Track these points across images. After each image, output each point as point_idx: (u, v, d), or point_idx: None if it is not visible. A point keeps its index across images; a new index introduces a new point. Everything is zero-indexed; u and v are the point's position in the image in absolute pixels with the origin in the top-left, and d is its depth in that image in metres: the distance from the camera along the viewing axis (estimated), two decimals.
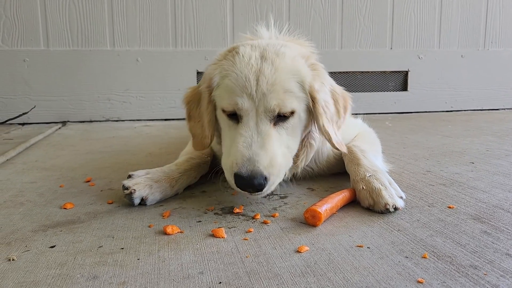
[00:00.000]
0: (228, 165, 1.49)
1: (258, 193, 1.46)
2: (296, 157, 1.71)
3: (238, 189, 1.47)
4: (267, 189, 1.47)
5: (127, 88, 3.96)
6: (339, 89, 1.77)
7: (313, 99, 1.60)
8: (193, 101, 1.77)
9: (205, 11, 4.00)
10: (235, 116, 1.56)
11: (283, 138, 1.55)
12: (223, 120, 1.63)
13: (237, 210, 1.53)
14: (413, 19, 4.41)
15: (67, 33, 3.82)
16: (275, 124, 1.54)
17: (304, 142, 1.73)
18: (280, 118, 1.55)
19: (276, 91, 1.52)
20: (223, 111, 1.59)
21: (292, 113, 1.56)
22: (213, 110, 1.68)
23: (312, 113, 1.64)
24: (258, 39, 1.81)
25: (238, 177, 1.43)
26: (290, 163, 1.63)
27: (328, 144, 1.83)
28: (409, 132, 3.22)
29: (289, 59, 1.60)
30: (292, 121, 1.57)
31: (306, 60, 1.66)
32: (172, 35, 3.98)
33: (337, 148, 1.66)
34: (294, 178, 1.89)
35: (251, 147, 1.46)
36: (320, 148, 1.82)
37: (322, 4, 4.20)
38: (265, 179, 1.43)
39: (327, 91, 1.68)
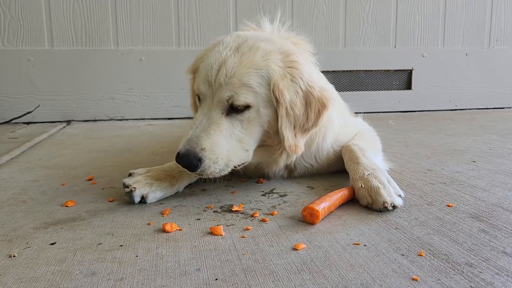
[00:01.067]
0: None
1: (194, 172, 1.56)
2: (273, 153, 1.75)
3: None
4: (202, 171, 1.54)
5: (131, 87, 3.98)
6: (318, 92, 1.67)
7: (276, 100, 1.61)
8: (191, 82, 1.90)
9: (208, 10, 4.02)
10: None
11: (235, 131, 1.60)
12: (197, 100, 1.75)
13: (236, 208, 1.54)
14: (417, 17, 4.40)
15: (71, 33, 3.85)
16: (227, 115, 1.59)
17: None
18: (234, 109, 1.59)
19: (232, 83, 1.57)
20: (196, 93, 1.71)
21: (248, 107, 1.60)
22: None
23: None
24: (260, 30, 1.84)
25: (177, 154, 1.54)
26: (242, 157, 1.64)
27: (328, 140, 1.84)
28: (412, 131, 3.22)
29: (260, 55, 1.63)
30: (247, 115, 1.60)
31: (284, 57, 1.66)
32: (176, 34, 4.00)
33: (287, 150, 1.66)
34: (291, 175, 1.90)
35: (196, 129, 1.56)
36: (319, 144, 1.83)
37: (326, 3, 4.20)
38: (199, 160, 1.51)
39: (298, 91, 1.64)
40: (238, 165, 1.66)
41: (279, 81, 1.60)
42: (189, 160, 1.51)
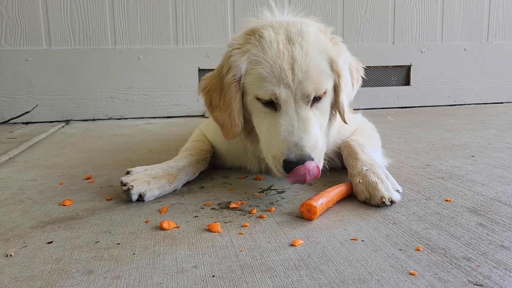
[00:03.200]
0: (273, 155, 1.55)
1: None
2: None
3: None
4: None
5: (130, 86, 3.98)
6: (354, 61, 1.83)
7: (338, 76, 1.65)
8: (214, 89, 1.74)
9: (205, 8, 4.01)
10: (271, 104, 1.59)
11: (318, 119, 1.62)
12: (256, 108, 1.64)
13: (233, 205, 1.53)
14: (415, 13, 4.39)
15: (69, 32, 3.84)
16: (311, 106, 1.60)
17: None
18: (315, 99, 1.60)
19: (311, 76, 1.57)
20: (257, 99, 1.61)
21: (325, 92, 1.62)
22: (241, 97, 1.68)
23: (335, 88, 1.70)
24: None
25: (288, 163, 1.49)
26: (325, 140, 1.67)
27: (332, 133, 1.83)
28: (411, 127, 3.21)
29: (313, 38, 1.64)
30: (324, 101, 1.64)
31: (325, 34, 1.71)
32: (173, 32, 3.99)
33: (346, 122, 1.73)
34: None
35: (293, 133, 1.52)
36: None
37: (323, 0, 4.19)
38: (312, 159, 1.49)
39: (347, 67, 1.73)
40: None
41: (338, 59, 1.65)
42: (302, 162, 1.47)
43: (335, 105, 1.72)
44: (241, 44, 1.66)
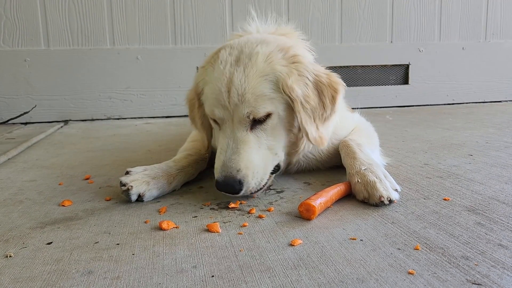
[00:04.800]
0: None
1: (236, 195, 1.55)
2: (296, 146, 1.75)
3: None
4: (245, 191, 1.54)
5: (128, 86, 3.98)
6: (326, 78, 1.67)
7: (289, 97, 1.58)
8: (191, 102, 1.84)
9: (204, 8, 4.01)
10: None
11: (262, 141, 1.59)
12: (212, 122, 1.72)
13: (232, 205, 1.54)
14: (413, 12, 4.39)
15: (67, 33, 3.84)
16: (252, 129, 1.58)
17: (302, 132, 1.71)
18: (257, 122, 1.58)
19: (247, 100, 1.54)
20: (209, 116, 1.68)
21: (269, 115, 1.58)
22: (203, 113, 1.75)
23: None
24: (248, 34, 1.82)
25: (216, 182, 1.55)
26: (274, 162, 1.67)
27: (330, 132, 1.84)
28: (409, 126, 3.22)
29: (261, 60, 1.60)
30: (270, 123, 1.59)
31: (285, 53, 1.64)
32: (172, 32, 3.99)
33: (313, 143, 1.65)
34: (287, 169, 1.91)
35: (225, 153, 1.55)
36: None
37: None
38: (240, 182, 1.51)
39: (308, 83, 1.63)
40: (275, 170, 1.70)
41: (287, 79, 1.58)
42: (230, 185, 1.51)
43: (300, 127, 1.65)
44: (206, 62, 1.73)
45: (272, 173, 1.68)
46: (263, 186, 1.62)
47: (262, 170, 1.58)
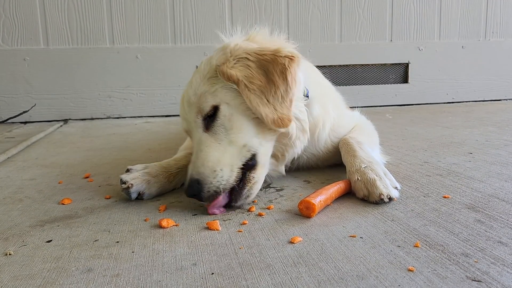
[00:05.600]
0: None
1: (202, 198, 1.46)
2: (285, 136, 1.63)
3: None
4: (208, 189, 1.45)
5: (128, 85, 3.98)
6: (271, 55, 1.55)
7: (231, 82, 1.52)
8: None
9: (203, 6, 4.01)
10: None
11: (221, 137, 1.52)
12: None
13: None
14: (413, 11, 4.39)
15: (67, 32, 3.84)
16: (208, 128, 1.54)
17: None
18: (209, 119, 1.54)
19: (193, 102, 1.57)
20: None
21: (216, 108, 1.53)
22: None
23: None
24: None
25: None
26: (243, 154, 1.52)
27: (326, 130, 1.83)
28: (409, 124, 3.22)
29: (204, 63, 1.63)
30: (221, 115, 1.52)
31: (225, 49, 1.61)
32: (171, 31, 3.99)
33: (273, 128, 1.54)
34: (290, 167, 1.90)
35: (192, 159, 1.55)
36: (318, 134, 1.82)
37: None
38: (198, 182, 1.45)
39: (250, 64, 1.54)
40: (247, 162, 1.53)
41: (223, 67, 1.53)
42: (191, 187, 1.45)
43: None
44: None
45: (243, 169, 1.51)
46: (246, 188, 1.51)
47: (225, 166, 1.47)
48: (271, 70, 1.53)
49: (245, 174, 1.52)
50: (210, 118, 1.54)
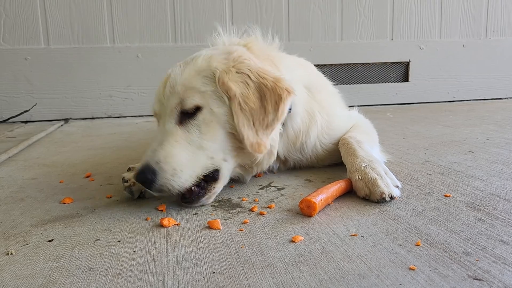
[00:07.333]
0: None
1: (151, 188, 1.44)
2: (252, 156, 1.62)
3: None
4: (160, 185, 1.43)
5: (129, 84, 3.98)
6: (272, 82, 1.56)
7: (226, 94, 1.53)
8: None
9: (204, 5, 4.01)
10: None
11: (193, 138, 1.50)
12: (156, 122, 1.72)
13: (233, 202, 1.54)
14: (414, 9, 4.39)
15: (68, 31, 3.84)
16: (182, 123, 1.52)
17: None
18: (186, 115, 1.52)
19: (177, 91, 1.54)
20: None
21: (198, 109, 1.52)
22: None
23: None
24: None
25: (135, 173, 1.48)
26: (207, 165, 1.52)
27: (311, 136, 1.84)
28: (410, 123, 3.22)
29: (201, 60, 1.61)
30: (200, 118, 1.51)
31: (228, 55, 1.61)
32: (172, 30, 3.99)
33: (250, 149, 1.53)
34: (285, 166, 1.92)
35: (152, 144, 1.51)
36: (304, 140, 1.84)
37: None
38: (153, 172, 1.42)
39: (248, 82, 1.55)
40: (210, 177, 1.54)
41: (224, 76, 1.53)
42: (143, 174, 1.42)
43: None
44: None
45: (206, 180, 1.53)
46: (201, 193, 1.52)
47: (187, 169, 1.46)
48: (267, 97, 1.54)
49: (207, 183, 1.54)
50: (188, 115, 1.53)
